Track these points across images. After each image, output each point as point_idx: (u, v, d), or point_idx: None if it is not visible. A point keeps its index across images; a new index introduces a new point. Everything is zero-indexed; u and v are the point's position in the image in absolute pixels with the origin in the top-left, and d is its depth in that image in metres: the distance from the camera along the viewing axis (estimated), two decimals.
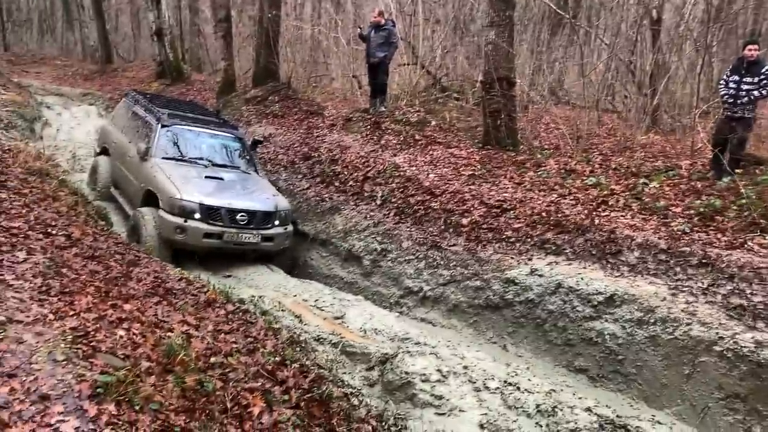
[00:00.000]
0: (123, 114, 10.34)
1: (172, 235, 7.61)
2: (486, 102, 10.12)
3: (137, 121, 9.62)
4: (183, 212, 7.61)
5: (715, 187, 7.28)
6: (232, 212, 7.86)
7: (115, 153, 9.78)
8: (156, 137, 8.75)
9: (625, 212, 7.01)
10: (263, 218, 8.15)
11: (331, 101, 14.81)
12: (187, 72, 20.75)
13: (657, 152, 9.65)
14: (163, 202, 7.79)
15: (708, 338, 5.16)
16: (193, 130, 9.26)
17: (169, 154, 8.69)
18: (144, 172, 8.45)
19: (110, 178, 9.83)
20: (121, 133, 9.91)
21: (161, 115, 9.08)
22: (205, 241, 7.68)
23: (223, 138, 9.60)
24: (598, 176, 8.19)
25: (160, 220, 7.70)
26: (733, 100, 7.78)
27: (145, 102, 9.87)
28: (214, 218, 7.74)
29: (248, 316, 4.92)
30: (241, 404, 3.44)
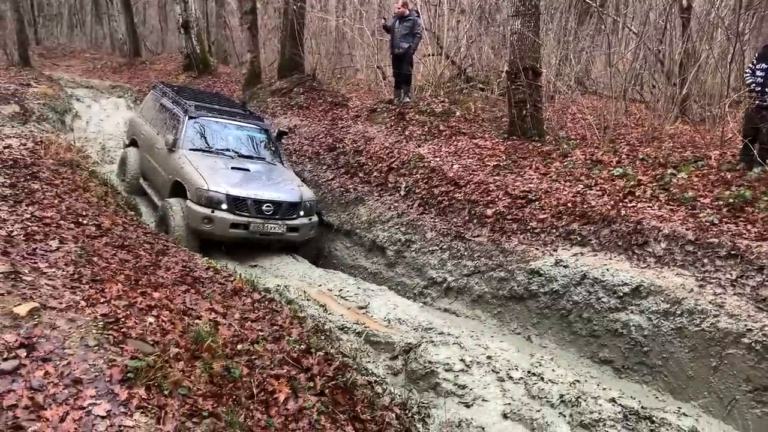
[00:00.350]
0: (151, 106, 10.44)
1: (200, 225, 7.69)
2: (511, 92, 10.05)
3: (165, 114, 9.70)
4: (210, 203, 7.68)
5: (745, 177, 7.15)
6: (258, 203, 7.93)
7: (144, 145, 9.89)
8: (183, 129, 8.83)
9: (653, 203, 6.92)
10: (289, 209, 8.20)
11: (356, 92, 14.83)
12: (213, 64, 20.94)
13: (686, 142, 9.50)
14: (191, 193, 7.87)
15: (736, 330, 5.08)
16: (219, 121, 9.33)
17: (196, 146, 8.78)
18: (172, 164, 8.54)
19: (139, 170, 9.95)
20: (149, 125, 10.00)
21: (188, 107, 9.16)
22: (231, 231, 7.76)
23: (249, 129, 9.65)
24: (625, 167, 8.09)
25: (187, 210, 7.79)
26: (761, 89, 7.61)
27: (173, 94, 9.99)
28: (240, 209, 7.81)
29: (274, 304, 4.98)
30: (267, 390, 3.50)
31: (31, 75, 16.90)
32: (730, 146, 8.79)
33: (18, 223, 4.87)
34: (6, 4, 22.74)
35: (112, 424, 2.60)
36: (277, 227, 8.06)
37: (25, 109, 12.46)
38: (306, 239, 8.60)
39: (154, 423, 2.69)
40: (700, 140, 9.56)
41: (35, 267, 3.91)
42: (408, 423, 3.81)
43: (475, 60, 15.14)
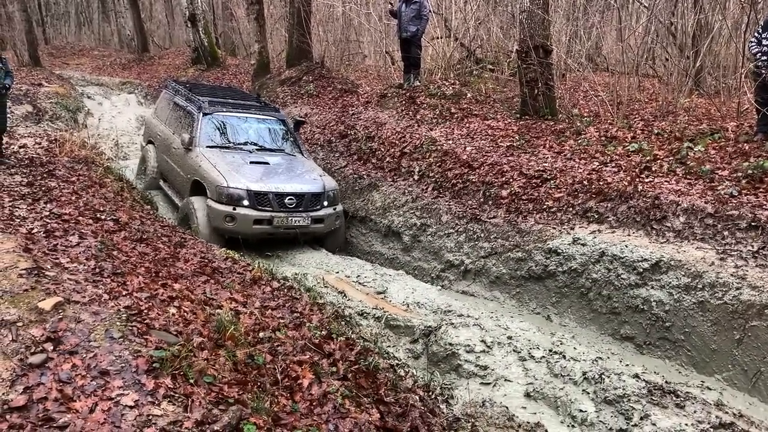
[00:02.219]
0: (165, 106, 10.28)
1: (222, 224, 7.57)
2: (522, 71, 9.96)
3: (179, 112, 9.57)
4: (231, 200, 7.56)
5: (764, 148, 7.04)
6: (280, 196, 7.77)
7: (161, 145, 9.76)
8: (198, 126, 8.68)
9: (670, 177, 6.85)
10: (312, 200, 8.03)
11: (365, 78, 14.78)
12: (221, 56, 20.94)
13: (701, 115, 9.37)
14: (211, 191, 7.74)
15: (759, 302, 5.03)
16: (234, 116, 9.19)
17: (213, 142, 8.63)
18: (189, 163, 8.40)
19: (158, 170, 9.87)
20: (164, 125, 9.87)
21: (202, 103, 9.00)
22: (255, 227, 7.62)
23: (265, 121, 9.49)
24: (640, 142, 8.00)
25: (209, 209, 7.66)
26: (767, 58, 7.49)
27: (185, 91, 9.83)
28: (262, 204, 7.67)
29: (293, 292, 5.00)
30: (291, 376, 3.52)
31: (41, 75, 17.00)
32: (747, 117, 8.66)
33: (37, 220, 4.93)
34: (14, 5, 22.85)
35: (140, 413, 2.63)
36: (301, 220, 7.90)
37: (38, 109, 12.56)
38: (331, 230, 8.41)
39: (182, 411, 2.72)
40: (715, 112, 9.42)
41: (57, 262, 3.96)
42: (432, 404, 3.82)
43: (483, 41, 15.00)
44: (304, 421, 3.12)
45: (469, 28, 14.55)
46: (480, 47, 14.73)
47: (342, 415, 3.33)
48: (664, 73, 13.20)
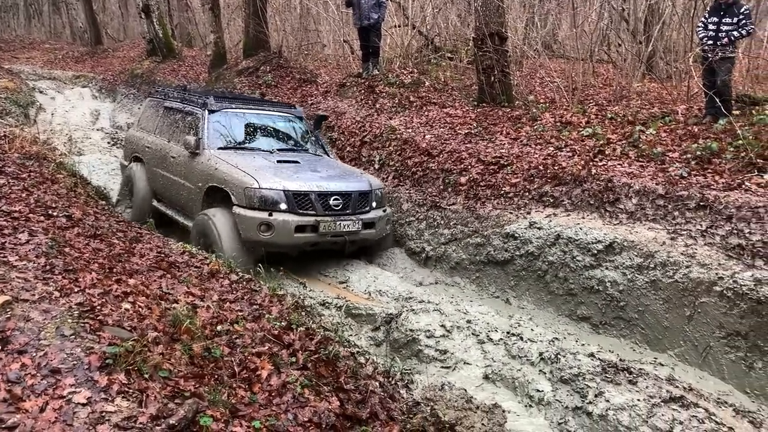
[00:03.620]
0: (151, 114, 9.03)
1: (256, 234, 6.34)
2: (479, 59, 10.04)
3: (174, 116, 8.37)
4: (265, 204, 6.39)
5: (712, 129, 7.26)
6: (324, 197, 6.63)
7: (152, 159, 8.45)
8: (206, 126, 7.50)
9: (622, 160, 7.01)
10: (359, 200, 6.94)
11: (324, 68, 14.72)
12: (177, 48, 20.56)
13: (653, 99, 9.60)
14: (237, 195, 6.53)
15: (708, 279, 5.20)
16: (246, 113, 8.01)
17: (226, 143, 7.47)
18: (199, 169, 7.21)
19: (150, 190, 8.52)
20: (154, 135, 8.63)
21: (206, 100, 7.82)
22: (297, 236, 6.41)
23: (281, 119, 8.35)
24: (594, 126, 8.16)
25: (238, 218, 6.44)
26: (713, 42, 7.72)
27: (179, 94, 8.75)
28: (303, 207, 6.52)
29: (252, 284, 4.98)
30: (249, 368, 3.52)
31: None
32: (696, 100, 8.91)
33: None
34: None
35: (93, 410, 2.60)
36: (350, 224, 6.71)
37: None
38: (383, 236, 7.36)
39: (136, 406, 2.70)
40: (667, 96, 9.67)
41: (5, 261, 3.86)
42: (392, 390, 3.86)
43: (442, 29, 15.07)
44: (263, 412, 3.13)
45: (427, 16, 14.59)
46: (438, 35, 14.79)
47: (301, 404, 3.35)
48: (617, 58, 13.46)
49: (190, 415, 2.75)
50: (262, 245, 6.42)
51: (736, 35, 7.61)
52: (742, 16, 7.53)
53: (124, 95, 17.14)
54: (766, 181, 5.91)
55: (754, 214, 5.45)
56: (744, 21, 7.53)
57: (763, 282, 4.92)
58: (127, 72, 18.74)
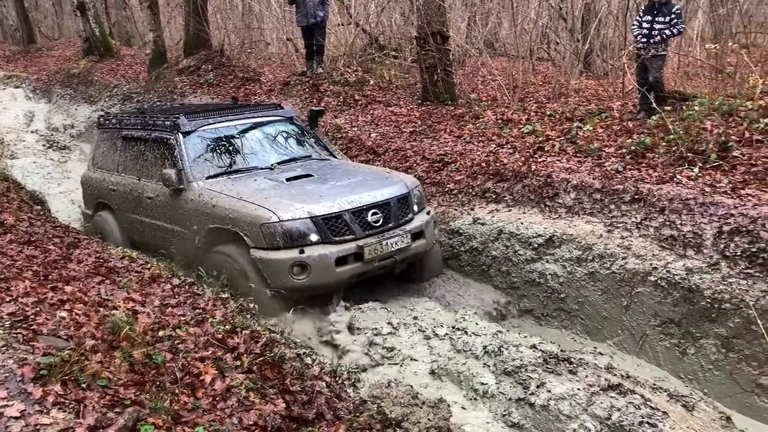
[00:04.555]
0: (107, 149, 7.52)
1: (289, 280, 5.14)
2: (421, 58, 10.14)
3: (138, 147, 6.94)
4: (291, 240, 5.18)
5: (645, 125, 7.53)
6: (359, 213, 5.46)
7: (123, 204, 7.06)
8: (184, 153, 6.19)
9: (561, 156, 7.20)
10: (400, 207, 5.77)
11: (268, 66, 14.58)
12: (115, 47, 19.97)
13: (590, 96, 9.90)
14: (252, 235, 5.28)
15: (643, 269, 5.41)
16: (226, 126, 6.65)
17: (214, 170, 6.19)
18: (190, 208, 5.94)
19: (126, 239, 7.12)
20: (117, 174, 7.19)
21: (176, 120, 6.40)
22: (340, 271, 5.24)
23: (269, 124, 6.99)
24: (533, 123, 8.36)
25: (260, 264, 5.26)
26: (647, 40, 8.03)
27: (138, 119, 7.19)
28: (339, 232, 5.33)
29: (195, 288, 4.91)
30: (193, 373, 3.47)
31: None
32: (631, 97, 9.22)
33: None
34: None
35: (27, 423, 2.52)
36: (398, 240, 5.59)
37: None
38: (434, 243, 6.25)
39: (73, 417, 2.63)
40: (603, 93, 9.98)
41: None
42: (338, 389, 3.88)
43: (385, 27, 15.13)
44: (207, 417, 3.10)
45: (371, 15, 14.62)
46: (382, 34, 14.85)
47: (246, 407, 3.32)
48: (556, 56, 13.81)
49: (131, 423, 2.70)
50: (299, 290, 5.23)
51: (668, 33, 7.93)
52: (674, 15, 7.85)
53: (60, 96, 16.56)
54: (696, 174, 6.17)
55: (684, 206, 5.68)
56: (675, 20, 7.85)
57: (694, 271, 5.15)
58: (62, 72, 18.09)
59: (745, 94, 7.49)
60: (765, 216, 5.21)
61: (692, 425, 3.90)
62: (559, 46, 13.35)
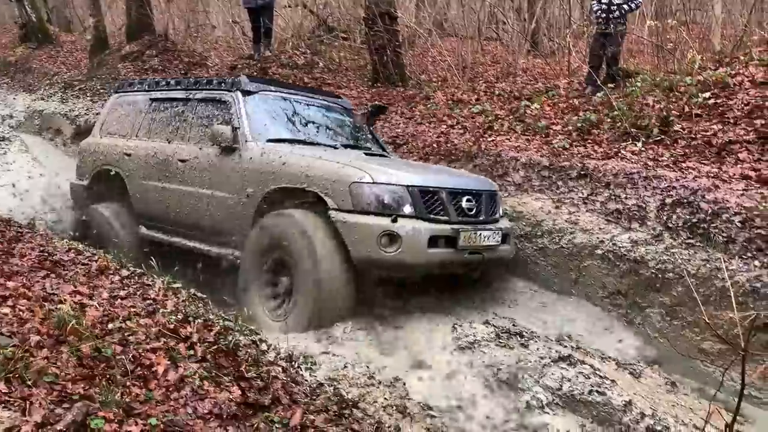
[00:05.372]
0: (128, 113, 7.06)
1: (376, 251, 4.57)
2: (370, 39, 10.10)
3: (174, 109, 6.49)
4: (383, 206, 4.66)
5: (591, 102, 7.70)
6: (455, 196, 5.01)
7: (139, 170, 6.49)
8: (243, 112, 5.67)
9: (510, 135, 7.31)
10: (490, 203, 5.36)
11: (215, 50, 14.30)
12: (54, 33, 19.26)
13: (537, 75, 10.05)
14: (335, 196, 4.74)
15: (590, 243, 5.56)
16: (287, 96, 6.26)
17: (275, 135, 5.66)
18: (246, 168, 5.36)
19: (134, 213, 6.61)
20: (137, 139, 6.72)
21: (236, 79, 6.03)
22: (431, 252, 4.70)
23: (329, 110, 6.62)
24: (483, 103, 8.45)
25: (342, 229, 4.65)
26: (606, 16, 8.20)
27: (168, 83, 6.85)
28: (434, 210, 4.84)
29: (145, 279, 4.83)
30: (145, 365, 3.42)
31: None
32: (577, 75, 9.40)
33: None
34: None
35: None
36: (490, 236, 5.09)
37: None
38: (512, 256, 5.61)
39: (19, 415, 2.56)
40: (550, 71, 10.14)
41: None
42: (295, 374, 3.88)
43: (334, 9, 14.99)
44: (160, 408, 3.06)
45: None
46: (331, 15, 14.71)
47: (201, 396, 3.30)
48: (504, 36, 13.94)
49: (80, 418, 2.65)
50: (384, 267, 4.70)
51: (626, 9, 8.14)
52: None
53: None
54: (639, 148, 6.35)
55: (629, 181, 5.86)
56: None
57: (639, 243, 5.32)
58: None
59: (685, 69, 7.72)
60: (704, 188, 5.41)
61: (639, 391, 4.05)
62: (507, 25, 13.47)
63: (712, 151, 6.11)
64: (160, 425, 2.90)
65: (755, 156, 5.94)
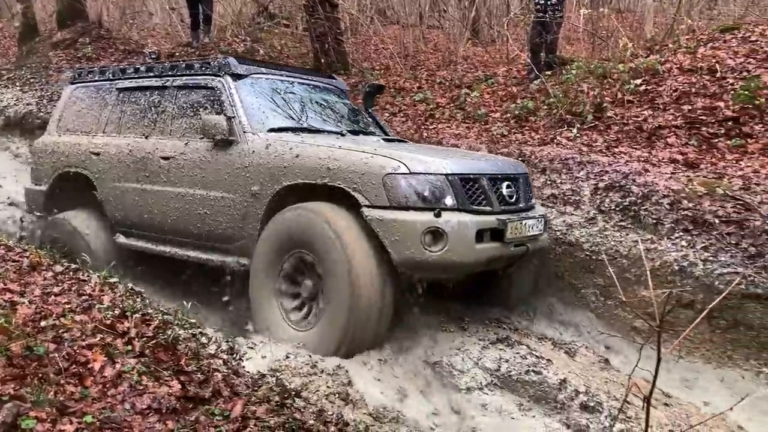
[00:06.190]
0: (89, 106, 6.26)
1: (419, 251, 3.98)
2: (311, 26, 10.03)
3: (150, 99, 5.73)
4: (424, 200, 4.10)
5: (528, 90, 7.87)
6: (495, 182, 4.48)
7: (113, 169, 5.73)
8: (236, 99, 5.02)
9: (451, 123, 7.41)
10: (526, 189, 4.88)
11: (152, 38, 13.92)
12: None
13: (478, 63, 10.18)
14: (366, 191, 4.12)
15: None
16: (281, 79, 5.58)
17: (276, 123, 5.04)
18: (247, 164, 4.74)
19: (109, 219, 5.89)
20: (105, 135, 5.93)
21: (224, 61, 5.25)
22: (479, 248, 4.15)
23: (324, 92, 5.99)
24: (425, 91, 8.53)
25: (379, 228, 4.04)
26: (544, 3, 8.37)
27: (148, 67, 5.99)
28: (476, 200, 4.29)
29: (80, 274, 4.71)
30: (80, 362, 3.35)
31: None
32: (516, 63, 9.57)
33: None
34: None
35: None
36: (534, 224, 4.60)
37: None
38: None
39: None
40: (490, 60, 10.28)
41: None
42: (236, 366, 3.87)
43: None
44: (96, 405, 3.01)
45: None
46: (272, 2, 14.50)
47: (139, 392, 3.26)
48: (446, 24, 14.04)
49: (10, 419, 2.59)
50: (427, 270, 4.12)
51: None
52: None
53: None
54: (575, 134, 6.54)
55: (564, 166, 6.03)
56: None
57: (574, 226, 5.50)
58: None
59: (618, 57, 7.97)
60: (635, 172, 5.63)
61: (574, 369, 4.21)
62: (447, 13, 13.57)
63: (642, 136, 6.35)
64: (96, 423, 2.85)
65: (683, 140, 6.22)
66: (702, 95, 6.60)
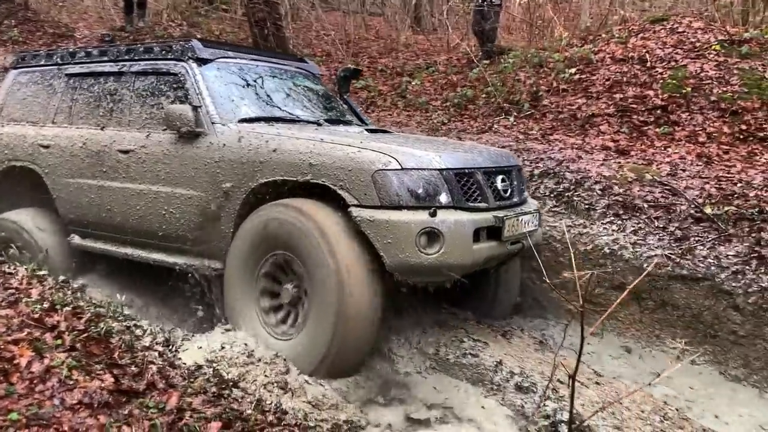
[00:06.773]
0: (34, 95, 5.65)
1: (415, 254, 3.61)
2: (250, 11, 9.85)
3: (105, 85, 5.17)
4: (417, 198, 3.73)
5: (468, 78, 7.96)
6: (489, 176, 4.14)
7: (65, 164, 5.17)
8: (202, 86, 4.56)
9: (393, 110, 7.44)
10: (519, 180, 4.52)
11: (83, 21, 13.38)
12: None
13: (419, 51, 10.23)
14: (354, 189, 3.73)
15: None
16: (248, 63, 5.11)
17: (248, 113, 4.62)
18: (217, 158, 4.29)
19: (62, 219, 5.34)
20: (56, 125, 5.36)
21: (187, 45, 4.76)
22: (477, 249, 3.80)
23: (296, 77, 5.47)
24: (367, 79, 8.51)
25: (369, 230, 3.65)
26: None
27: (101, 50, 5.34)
28: (471, 196, 3.94)
29: (6, 267, 4.53)
30: (5, 358, 3.24)
31: None
32: (457, 51, 9.66)
33: None
34: None
35: None
36: (530, 219, 4.33)
37: None
38: None
39: None
40: (431, 48, 10.35)
41: None
42: (172, 358, 3.81)
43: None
44: (23, 402, 2.92)
45: None
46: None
47: (69, 387, 3.17)
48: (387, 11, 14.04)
49: None
50: (422, 274, 3.76)
51: None
52: None
53: None
54: (512, 122, 6.67)
55: None
56: None
57: None
58: None
59: (554, 46, 8.15)
60: (569, 158, 5.79)
61: (509, 352, 4.32)
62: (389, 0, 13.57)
63: (576, 124, 6.53)
64: (23, 420, 2.77)
65: (614, 128, 6.43)
66: (633, 84, 6.84)
